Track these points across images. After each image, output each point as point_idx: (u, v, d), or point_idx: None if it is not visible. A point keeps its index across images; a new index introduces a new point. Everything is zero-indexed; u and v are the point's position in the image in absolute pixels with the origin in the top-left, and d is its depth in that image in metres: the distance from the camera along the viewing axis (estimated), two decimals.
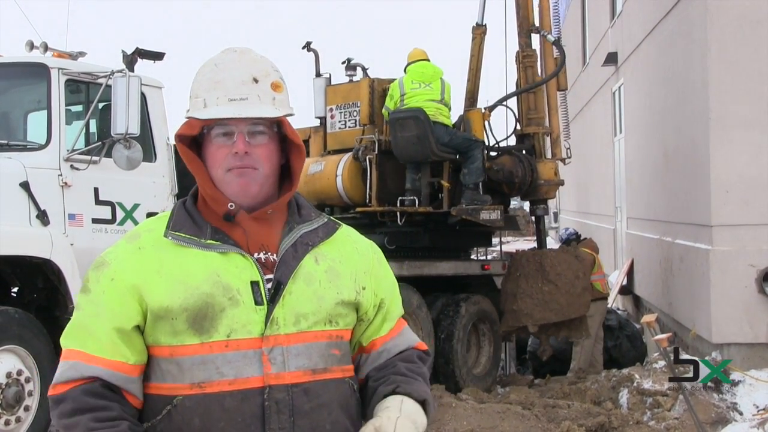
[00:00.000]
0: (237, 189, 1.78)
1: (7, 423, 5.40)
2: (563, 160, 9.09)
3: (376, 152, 8.25)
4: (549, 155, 8.97)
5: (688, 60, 8.45)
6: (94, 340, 1.72)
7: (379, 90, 8.63)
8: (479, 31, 8.97)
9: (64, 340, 1.77)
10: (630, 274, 12.13)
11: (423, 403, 1.82)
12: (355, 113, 8.72)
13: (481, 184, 8.27)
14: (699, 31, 7.92)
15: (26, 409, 5.53)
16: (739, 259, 7.39)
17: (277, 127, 1.82)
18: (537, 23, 8.96)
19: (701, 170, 7.84)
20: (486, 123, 8.72)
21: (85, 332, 1.74)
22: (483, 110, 8.75)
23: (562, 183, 9.15)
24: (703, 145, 7.78)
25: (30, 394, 5.57)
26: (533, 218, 9.50)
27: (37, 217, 5.86)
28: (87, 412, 1.66)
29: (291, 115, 1.85)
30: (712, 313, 7.45)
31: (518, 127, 8.98)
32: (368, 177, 8.24)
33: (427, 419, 1.82)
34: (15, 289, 6.32)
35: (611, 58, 13.55)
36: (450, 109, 8.25)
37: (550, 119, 9.09)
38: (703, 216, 7.82)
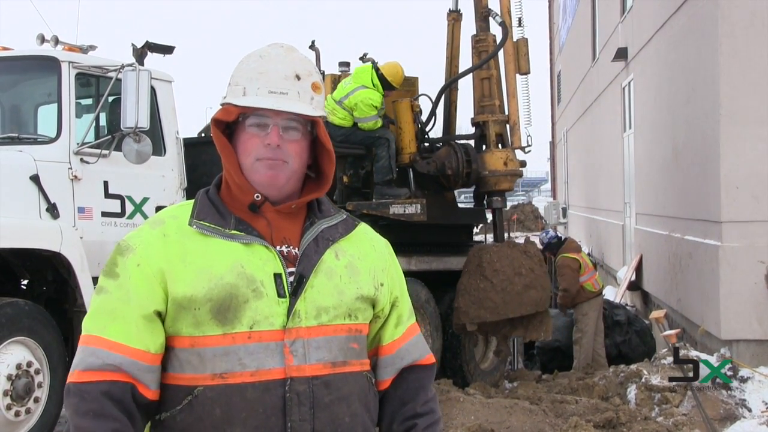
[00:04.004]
0: (264, 179, 1.80)
1: (17, 414, 5.43)
2: (523, 149, 8.43)
3: None
4: (510, 144, 8.36)
5: (699, 55, 8.41)
6: (120, 326, 1.72)
7: None
8: (452, 16, 8.65)
9: (85, 324, 1.77)
10: (639, 269, 12.11)
11: None
12: None
13: (412, 176, 8.14)
14: (710, 26, 7.89)
15: (36, 400, 5.56)
16: (749, 256, 7.38)
17: (311, 127, 1.85)
18: (498, 8, 8.34)
19: (711, 166, 7.81)
20: (415, 114, 8.27)
21: (110, 317, 1.74)
22: (412, 101, 8.34)
23: (518, 174, 8.43)
24: (713, 141, 7.76)
25: (40, 385, 5.60)
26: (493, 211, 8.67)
27: (47, 210, 5.88)
28: (102, 419, 1.67)
29: (325, 118, 1.88)
30: (720, 310, 7.44)
31: (434, 120, 8.55)
32: None
33: None
34: (25, 282, 6.35)
35: (621, 54, 13.50)
36: (353, 115, 7.88)
37: (509, 105, 8.39)
38: (712, 212, 7.79)
